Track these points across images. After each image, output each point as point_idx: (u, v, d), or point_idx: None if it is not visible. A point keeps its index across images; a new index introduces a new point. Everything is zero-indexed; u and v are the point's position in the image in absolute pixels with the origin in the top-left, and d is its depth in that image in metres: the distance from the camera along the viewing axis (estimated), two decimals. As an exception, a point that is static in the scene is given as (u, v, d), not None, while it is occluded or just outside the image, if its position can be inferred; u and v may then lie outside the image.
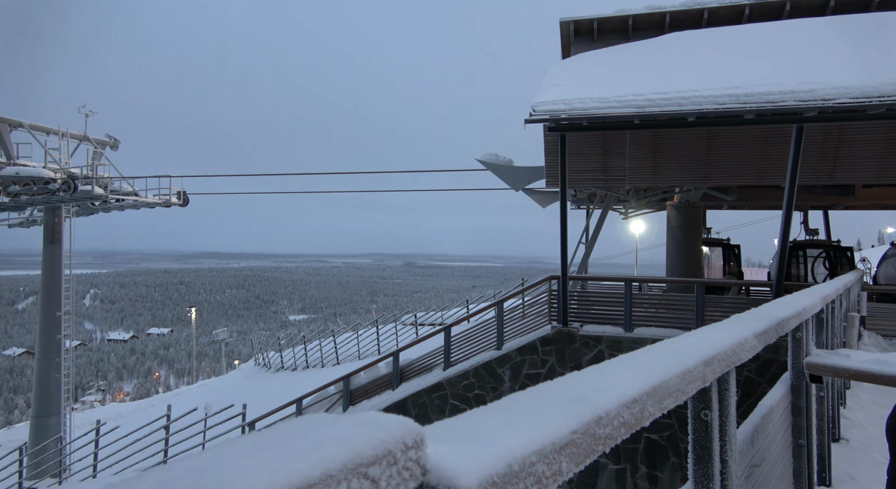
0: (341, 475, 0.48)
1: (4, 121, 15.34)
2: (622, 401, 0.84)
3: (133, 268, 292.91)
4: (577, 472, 0.72)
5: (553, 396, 0.83)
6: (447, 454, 0.59)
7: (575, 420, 0.73)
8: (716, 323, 1.75)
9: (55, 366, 15.96)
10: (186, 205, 18.62)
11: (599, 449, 0.77)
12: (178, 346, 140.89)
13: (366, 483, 0.50)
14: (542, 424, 0.70)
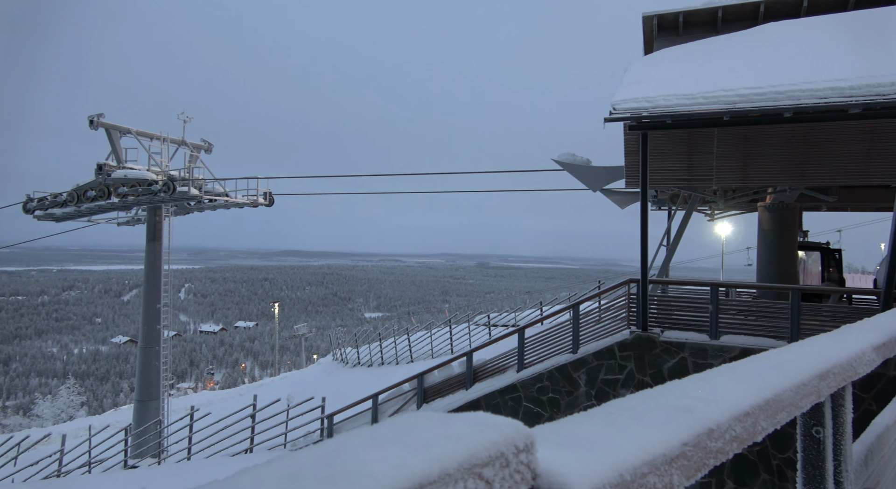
0: (458, 474, 0.48)
1: (115, 128, 16.81)
2: (734, 414, 0.79)
3: (223, 264, 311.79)
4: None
5: (657, 405, 0.80)
6: (556, 459, 0.58)
7: (685, 431, 0.70)
8: (825, 333, 1.62)
9: (155, 355, 17.26)
10: (272, 205, 19.56)
11: (710, 463, 0.73)
12: (263, 339, 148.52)
13: (480, 484, 0.50)
14: (650, 434, 0.67)
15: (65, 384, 46.95)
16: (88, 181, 17.19)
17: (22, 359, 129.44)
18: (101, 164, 17.08)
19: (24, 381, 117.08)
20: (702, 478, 2.91)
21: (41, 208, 18.16)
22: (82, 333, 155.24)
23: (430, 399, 11.49)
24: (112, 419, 26.97)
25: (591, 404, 9.99)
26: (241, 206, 18.94)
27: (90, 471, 12.81)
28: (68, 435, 15.08)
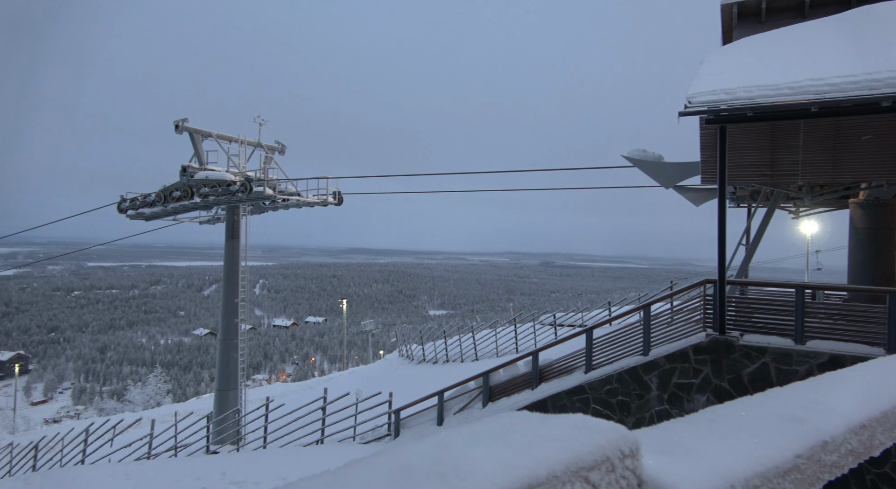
0: (565, 477, 0.48)
1: (198, 132, 17.82)
2: (849, 426, 0.74)
3: (294, 261, 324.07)
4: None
5: (761, 413, 0.76)
6: (661, 466, 0.56)
7: (797, 443, 0.66)
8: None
9: (233, 347, 18.16)
10: (341, 204, 20.10)
11: (825, 477, 0.68)
12: (331, 334, 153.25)
13: (587, 487, 0.49)
14: (759, 444, 0.64)
15: (153, 372, 50.34)
16: (174, 182, 18.29)
17: (116, 347, 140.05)
18: (184, 166, 18.14)
19: (118, 369, 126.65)
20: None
21: (133, 208, 19.51)
22: (167, 325, 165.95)
23: (496, 397, 11.46)
24: (195, 407, 28.69)
25: (664, 409, 9.63)
26: (311, 205, 19.56)
27: (176, 454, 13.69)
28: (156, 420, 16.17)
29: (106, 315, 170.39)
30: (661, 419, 9.56)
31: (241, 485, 9.16)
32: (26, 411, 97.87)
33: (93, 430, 15.18)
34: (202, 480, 9.83)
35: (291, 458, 10.62)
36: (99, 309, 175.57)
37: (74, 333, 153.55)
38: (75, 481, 11.03)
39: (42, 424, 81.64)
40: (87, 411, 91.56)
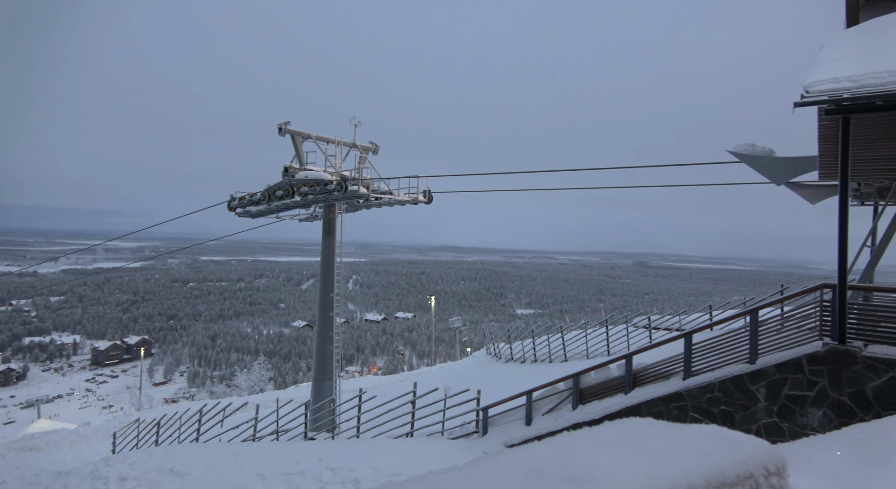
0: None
1: (299, 134, 18.83)
2: None
3: (385, 258, 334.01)
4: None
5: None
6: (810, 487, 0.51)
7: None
8: None
9: (329, 339, 19.02)
10: (431, 202, 20.42)
11: None
12: (420, 330, 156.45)
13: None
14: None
15: (256, 360, 53.93)
16: (277, 182, 19.43)
17: (225, 336, 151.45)
18: (286, 167, 19.22)
19: (227, 356, 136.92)
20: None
21: (241, 206, 20.96)
22: (269, 316, 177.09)
23: (586, 400, 11.17)
24: (294, 394, 30.38)
25: (772, 422, 8.93)
26: (403, 203, 20.03)
27: (278, 438, 14.59)
28: (260, 405, 17.31)
29: (216, 305, 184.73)
30: (769, 433, 8.87)
31: (336, 471, 9.58)
32: (150, 391, 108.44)
33: (206, 411, 16.53)
34: (301, 464, 10.38)
35: (383, 449, 10.96)
36: (210, 299, 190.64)
37: (189, 321, 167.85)
38: (191, 457, 12.04)
39: (162, 403, 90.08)
40: (199, 393, 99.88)
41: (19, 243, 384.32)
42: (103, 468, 12.60)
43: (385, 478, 8.94)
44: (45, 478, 13.97)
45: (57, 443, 29.42)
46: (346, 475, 9.34)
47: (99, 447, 25.21)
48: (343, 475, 9.37)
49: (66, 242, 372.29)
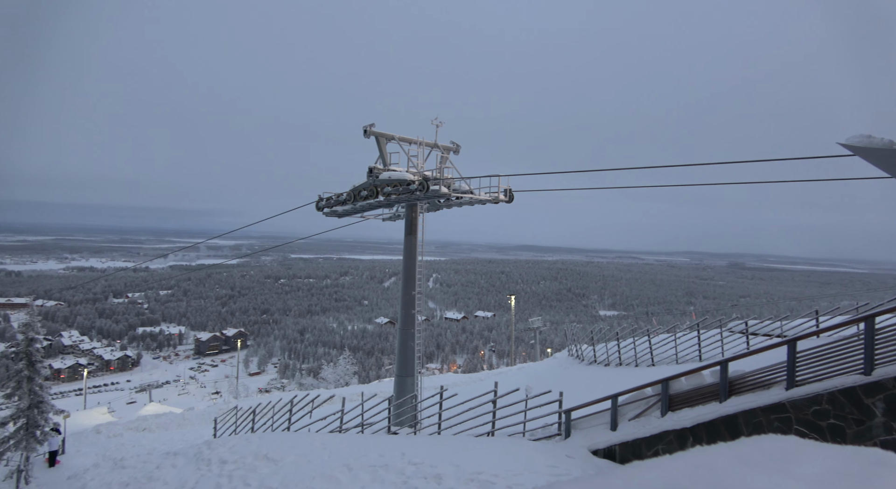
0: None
1: (383, 135, 19.31)
2: None
3: (465, 257, 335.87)
4: None
5: None
6: None
7: None
8: None
9: (411, 336, 19.36)
10: (511, 201, 20.25)
11: None
12: (499, 329, 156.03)
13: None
14: None
15: (342, 355, 56.05)
16: (362, 183, 20.02)
17: (312, 330, 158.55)
18: (371, 168, 19.76)
19: (314, 349, 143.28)
20: None
21: (328, 206, 21.78)
22: (354, 313, 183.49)
23: (676, 407, 10.64)
24: (377, 389, 31.25)
25: (892, 439, 8.08)
26: (483, 202, 20.00)
27: (363, 431, 15.07)
28: (346, 398, 17.95)
29: (305, 301, 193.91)
30: (888, 451, 8.03)
31: (418, 466, 9.74)
32: (245, 380, 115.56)
33: (296, 402, 17.37)
34: (385, 457, 10.65)
35: (464, 447, 11.01)
36: (299, 295, 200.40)
37: (280, 316, 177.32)
38: (284, 445, 12.69)
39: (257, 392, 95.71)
40: (290, 384, 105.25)
41: (134, 241, 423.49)
42: (206, 451, 13.56)
43: (466, 476, 8.97)
44: (157, 457, 15.24)
45: (166, 425, 32.04)
46: (428, 471, 9.47)
47: (202, 431, 27.17)
48: (425, 470, 9.50)
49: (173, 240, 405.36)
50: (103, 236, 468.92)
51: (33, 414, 21.47)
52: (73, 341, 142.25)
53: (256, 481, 10.44)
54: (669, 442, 9.97)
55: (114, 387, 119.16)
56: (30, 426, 21.50)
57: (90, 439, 28.33)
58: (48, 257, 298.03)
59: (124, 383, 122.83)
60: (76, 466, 18.73)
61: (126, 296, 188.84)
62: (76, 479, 15.26)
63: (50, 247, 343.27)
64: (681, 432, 9.85)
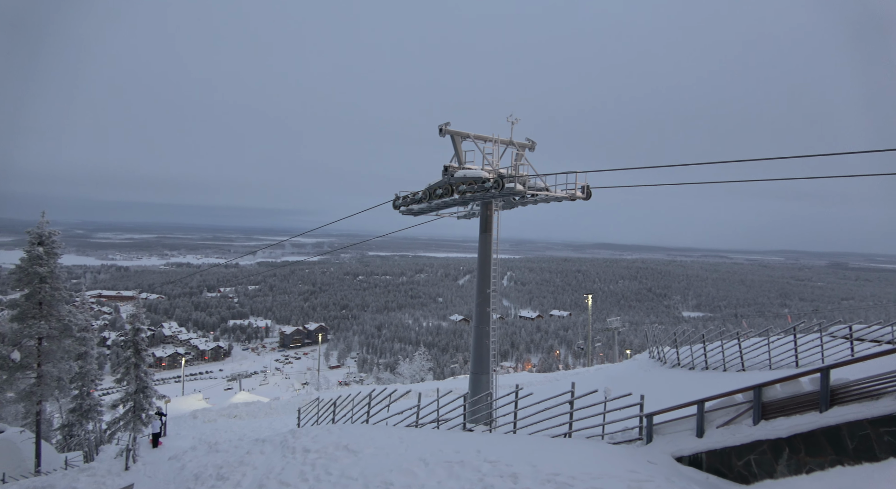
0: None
1: (458, 133, 19.40)
2: None
3: (539, 255, 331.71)
4: None
5: None
6: None
7: None
8: None
9: (486, 334, 19.35)
10: (589, 198, 19.74)
11: None
12: (575, 329, 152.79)
13: None
14: None
15: (417, 351, 56.99)
16: (437, 181, 20.21)
17: (389, 326, 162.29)
18: (446, 166, 19.90)
19: (391, 345, 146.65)
20: None
21: (404, 205, 22.18)
22: (429, 309, 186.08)
23: (770, 416, 9.94)
24: (452, 385, 31.51)
25: None
26: (559, 199, 19.63)
27: (438, 427, 15.23)
28: (422, 393, 18.22)
29: (382, 297, 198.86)
30: None
31: (494, 464, 9.71)
32: (326, 373, 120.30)
33: (374, 396, 17.84)
34: (460, 454, 10.71)
35: (541, 447, 10.87)
36: (377, 292, 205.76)
37: (359, 311, 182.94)
38: (363, 437, 13.08)
39: (336, 385, 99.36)
40: (368, 378, 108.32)
41: (225, 239, 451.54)
42: (291, 439, 14.23)
43: (543, 476, 8.85)
44: (247, 443, 16.18)
45: (254, 413, 33.94)
46: (504, 469, 9.42)
47: (287, 420, 28.54)
48: (501, 469, 9.46)
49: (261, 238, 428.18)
50: (198, 234, 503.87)
51: (139, 398, 23.37)
52: (173, 332, 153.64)
53: (338, 471, 10.82)
54: (763, 452, 9.36)
55: (208, 376, 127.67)
56: (136, 409, 23.42)
57: (188, 423, 30.53)
58: (151, 254, 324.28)
59: (217, 372, 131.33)
60: (176, 448, 20.22)
61: (218, 291, 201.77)
62: (176, 460, 16.47)
63: (153, 245, 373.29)
64: (775, 442, 9.22)
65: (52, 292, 22.83)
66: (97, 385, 32.26)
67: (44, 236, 22.99)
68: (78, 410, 30.08)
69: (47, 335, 22.73)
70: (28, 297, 22.66)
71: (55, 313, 22.99)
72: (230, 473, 12.53)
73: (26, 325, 22.39)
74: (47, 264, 22.76)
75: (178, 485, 13.63)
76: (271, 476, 11.43)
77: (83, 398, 30.24)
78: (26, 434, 23.77)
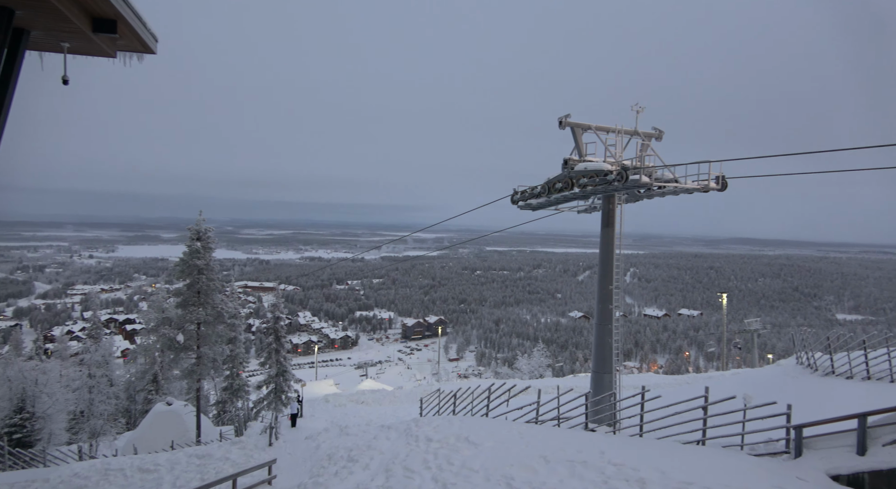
0: None
1: (579, 125, 18.85)
2: None
3: (666, 250, 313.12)
4: None
5: None
6: None
7: None
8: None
9: (608, 332, 18.66)
10: (724, 189, 18.29)
11: None
12: (707, 330, 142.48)
13: None
14: None
15: (536, 346, 56.43)
16: (556, 175, 19.81)
17: (506, 321, 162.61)
18: (566, 159, 19.43)
19: (508, 340, 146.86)
20: None
21: (523, 200, 22.02)
22: (547, 306, 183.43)
23: (954, 438, 8.55)
24: (572, 383, 30.85)
25: None
26: (690, 191, 18.39)
27: (559, 424, 14.98)
28: (541, 390, 18.00)
29: (499, 292, 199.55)
30: None
31: (619, 467, 9.34)
32: (445, 365, 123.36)
33: (493, 390, 17.96)
34: (583, 454, 10.44)
35: (671, 453, 10.28)
36: (494, 287, 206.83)
37: (477, 306, 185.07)
38: (483, 430, 13.23)
39: (456, 377, 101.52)
40: (486, 372, 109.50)
41: (352, 234, 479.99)
42: (414, 427, 14.77)
43: (674, 484, 8.35)
44: (374, 428, 17.07)
45: (379, 400, 35.75)
46: (630, 473, 9.03)
47: (409, 408, 29.71)
48: (627, 472, 9.08)
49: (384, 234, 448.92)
50: (328, 230, 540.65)
51: (280, 381, 25.56)
52: (307, 321, 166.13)
53: (459, 461, 11.04)
54: (944, 479, 8.09)
55: (337, 363, 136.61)
56: (277, 391, 25.66)
57: (321, 407, 32.91)
58: (288, 248, 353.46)
59: (345, 360, 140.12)
60: (311, 429, 21.90)
61: (346, 283, 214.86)
62: (312, 440, 17.81)
63: (289, 240, 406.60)
64: (961, 469, 7.93)
65: (208, 282, 25.73)
66: (244, 367, 35.91)
67: (201, 232, 25.97)
68: (229, 389, 33.63)
69: (204, 320, 25.66)
70: (189, 287, 25.74)
71: (210, 301, 25.89)
72: (359, 456, 13.29)
73: (188, 312, 25.45)
74: (204, 257, 25.69)
75: (314, 463, 14.71)
76: (397, 461, 11.93)
77: (233, 378, 33.75)
78: (189, 408, 27.03)
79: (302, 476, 13.88)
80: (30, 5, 4.46)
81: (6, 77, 4.91)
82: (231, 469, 14.77)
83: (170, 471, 15.04)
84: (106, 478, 14.61)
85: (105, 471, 15.06)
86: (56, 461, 21.23)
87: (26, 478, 14.69)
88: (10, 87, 4.97)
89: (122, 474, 14.85)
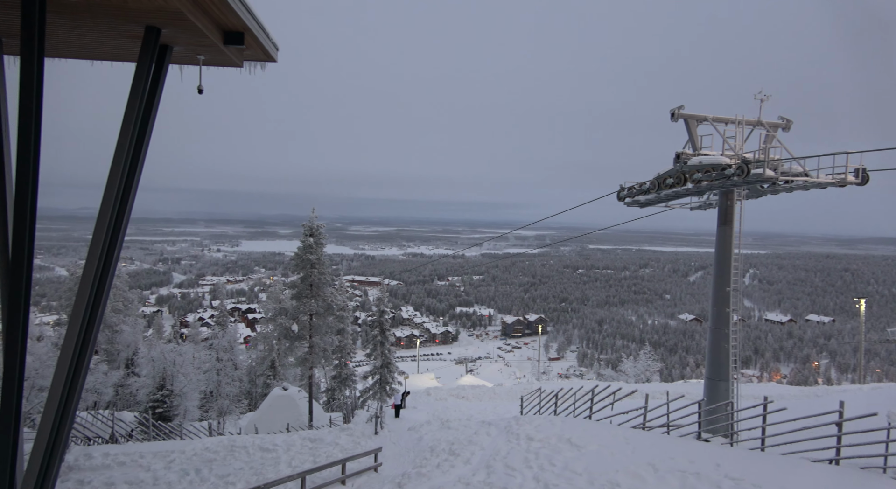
0: None
1: (693, 117, 17.76)
2: None
3: (792, 250, 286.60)
4: None
5: None
6: None
7: None
8: None
9: (724, 337, 17.45)
10: (865, 183, 16.43)
11: None
12: (841, 338, 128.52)
13: None
14: None
15: (642, 349, 53.94)
16: (667, 170, 18.82)
17: (610, 322, 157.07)
18: (678, 153, 18.41)
19: (612, 341, 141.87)
20: None
21: (630, 196, 21.16)
22: (654, 307, 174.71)
23: None
24: (683, 389, 29.19)
25: None
26: (823, 186, 16.71)
27: (668, 432, 14.23)
28: (649, 395, 17.23)
29: (602, 292, 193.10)
30: None
31: (737, 482, 8.73)
32: (545, 364, 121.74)
33: (597, 392, 17.47)
34: (695, 465, 9.88)
35: (796, 471, 9.43)
36: (597, 286, 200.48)
37: (579, 305, 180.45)
38: (586, 433, 12.93)
39: (556, 377, 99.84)
40: (588, 373, 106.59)
41: (453, 231, 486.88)
42: (515, 425, 14.75)
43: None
44: (475, 424, 17.28)
45: (479, 396, 36.03)
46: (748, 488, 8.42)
47: (509, 406, 29.67)
48: (745, 487, 8.47)
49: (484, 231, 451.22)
50: (430, 227, 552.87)
51: (384, 372, 26.60)
52: (409, 315, 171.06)
53: (561, 463, 10.89)
54: None
55: (438, 357, 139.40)
56: (382, 381, 26.72)
57: (423, 399, 33.79)
58: (392, 245, 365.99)
59: (446, 354, 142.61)
60: (413, 420, 22.56)
61: (447, 280, 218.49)
62: (414, 431, 18.37)
63: (393, 237, 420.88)
64: None
65: (319, 276, 27.33)
66: (352, 357, 37.75)
67: (314, 229, 27.63)
68: (338, 378, 35.53)
69: (316, 312, 27.29)
70: (303, 280, 27.48)
71: (321, 294, 27.48)
72: (460, 450, 13.51)
73: (302, 303, 27.20)
74: (316, 252, 27.32)
75: (417, 454, 15.17)
76: (497, 458, 12.00)
77: (342, 368, 35.60)
78: (302, 393, 28.90)
79: (405, 465, 14.36)
80: (172, 23, 5.05)
81: (154, 88, 5.58)
82: (340, 454, 15.61)
83: (286, 452, 16.19)
84: (232, 453, 16.01)
85: (231, 447, 16.52)
86: (190, 435, 23.58)
87: (166, 449, 16.45)
88: (157, 97, 5.64)
89: (245, 451, 16.21)
